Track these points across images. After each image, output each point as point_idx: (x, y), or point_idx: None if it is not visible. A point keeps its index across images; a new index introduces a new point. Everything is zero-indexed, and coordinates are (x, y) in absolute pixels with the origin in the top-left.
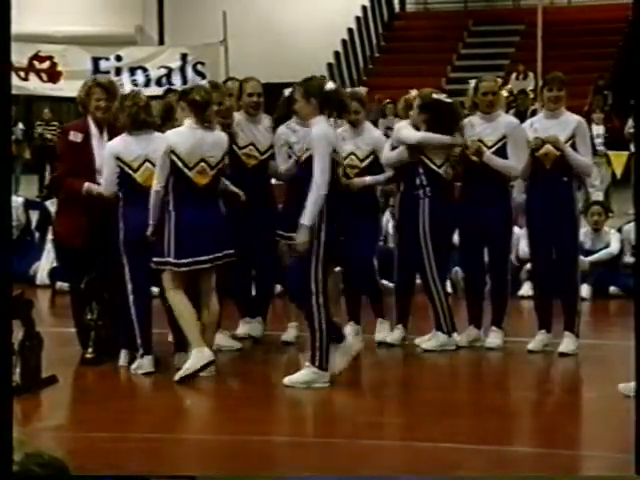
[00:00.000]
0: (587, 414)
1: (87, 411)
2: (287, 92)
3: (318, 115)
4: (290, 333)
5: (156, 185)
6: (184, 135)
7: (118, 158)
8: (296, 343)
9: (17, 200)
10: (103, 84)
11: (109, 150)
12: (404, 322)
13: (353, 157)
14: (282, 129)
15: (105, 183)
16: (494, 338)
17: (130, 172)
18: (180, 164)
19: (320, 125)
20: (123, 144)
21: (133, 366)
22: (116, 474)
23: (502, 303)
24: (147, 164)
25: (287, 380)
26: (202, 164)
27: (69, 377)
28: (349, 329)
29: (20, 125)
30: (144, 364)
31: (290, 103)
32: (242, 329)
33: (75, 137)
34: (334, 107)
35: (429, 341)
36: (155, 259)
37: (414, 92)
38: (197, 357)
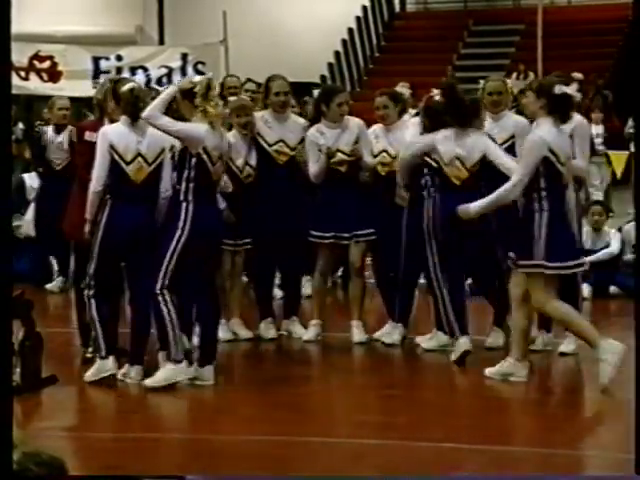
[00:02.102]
0: (587, 414)
1: (87, 411)
2: (316, 93)
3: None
4: (311, 332)
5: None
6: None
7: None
8: (316, 342)
9: None
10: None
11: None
12: (405, 321)
13: (385, 154)
14: (311, 131)
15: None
16: (495, 338)
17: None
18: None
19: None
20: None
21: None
22: (116, 474)
23: (504, 303)
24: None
25: (149, 381)
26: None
27: (69, 377)
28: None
29: (20, 125)
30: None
31: (318, 105)
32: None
33: (90, 137)
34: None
35: (429, 340)
36: None
37: (436, 91)
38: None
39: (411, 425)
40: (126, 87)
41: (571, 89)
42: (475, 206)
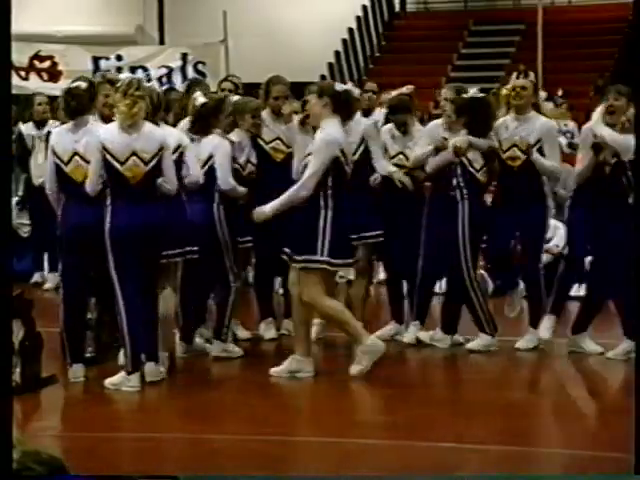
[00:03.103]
0: (587, 413)
1: (87, 411)
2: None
3: None
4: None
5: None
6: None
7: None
8: (317, 341)
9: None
10: (112, 80)
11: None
12: (422, 320)
13: (401, 157)
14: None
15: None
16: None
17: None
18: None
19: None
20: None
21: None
22: (115, 474)
23: (537, 304)
24: None
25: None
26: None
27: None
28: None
29: (20, 125)
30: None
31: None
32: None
33: None
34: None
35: (474, 341)
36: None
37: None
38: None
39: (411, 425)
40: (66, 87)
41: (349, 85)
42: (270, 206)
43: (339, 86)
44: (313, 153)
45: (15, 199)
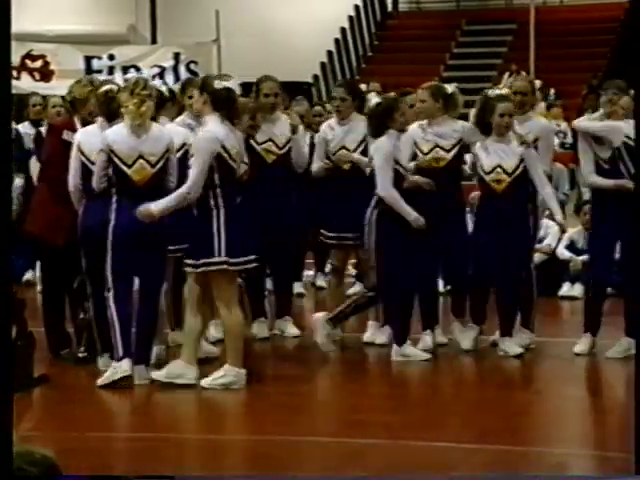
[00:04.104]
0: (586, 413)
1: (78, 410)
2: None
3: None
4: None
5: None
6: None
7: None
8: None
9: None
10: None
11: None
12: (432, 326)
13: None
14: (323, 127)
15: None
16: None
17: None
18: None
19: None
20: None
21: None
22: (108, 474)
23: (529, 304)
24: None
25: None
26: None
27: (61, 376)
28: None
29: (13, 124)
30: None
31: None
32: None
33: (68, 136)
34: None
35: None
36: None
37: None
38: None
39: (411, 425)
40: (103, 90)
41: (232, 83)
42: (156, 205)
43: (219, 83)
44: (194, 152)
45: None
